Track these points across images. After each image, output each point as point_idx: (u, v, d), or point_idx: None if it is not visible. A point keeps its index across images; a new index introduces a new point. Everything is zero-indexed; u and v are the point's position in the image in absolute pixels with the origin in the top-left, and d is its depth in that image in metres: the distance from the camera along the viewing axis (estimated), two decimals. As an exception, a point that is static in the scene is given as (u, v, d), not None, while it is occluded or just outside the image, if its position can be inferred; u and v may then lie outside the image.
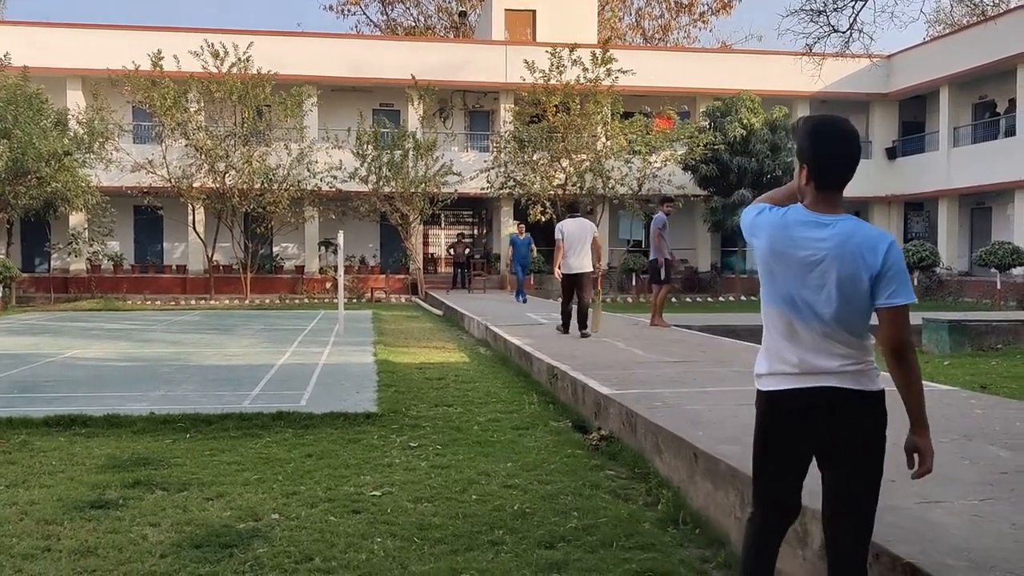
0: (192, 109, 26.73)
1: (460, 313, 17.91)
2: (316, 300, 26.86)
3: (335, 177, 26.58)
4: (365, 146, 27.09)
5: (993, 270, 23.57)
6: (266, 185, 26.74)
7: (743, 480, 4.20)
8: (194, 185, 26.68)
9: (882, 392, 2.81)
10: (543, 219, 27.23)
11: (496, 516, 4.69)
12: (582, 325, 11.76)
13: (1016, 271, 24.11)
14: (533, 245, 23.52)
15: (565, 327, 12.17)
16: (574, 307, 11.90)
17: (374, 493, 5.16)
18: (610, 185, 27.77)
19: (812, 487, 3.93)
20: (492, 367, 10.91)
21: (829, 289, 2.73)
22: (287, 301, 26.50)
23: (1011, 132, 27.29)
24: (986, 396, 7.41)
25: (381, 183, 27.19)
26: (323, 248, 30.13)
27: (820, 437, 2.82)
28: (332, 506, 4.90)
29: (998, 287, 23.48)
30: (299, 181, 26.98)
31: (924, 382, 8.46)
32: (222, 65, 26.34)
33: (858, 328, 2.78)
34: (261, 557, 4.09)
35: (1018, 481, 4.10)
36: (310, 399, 8.21)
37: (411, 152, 27.21)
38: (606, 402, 6.78)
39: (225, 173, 26.62)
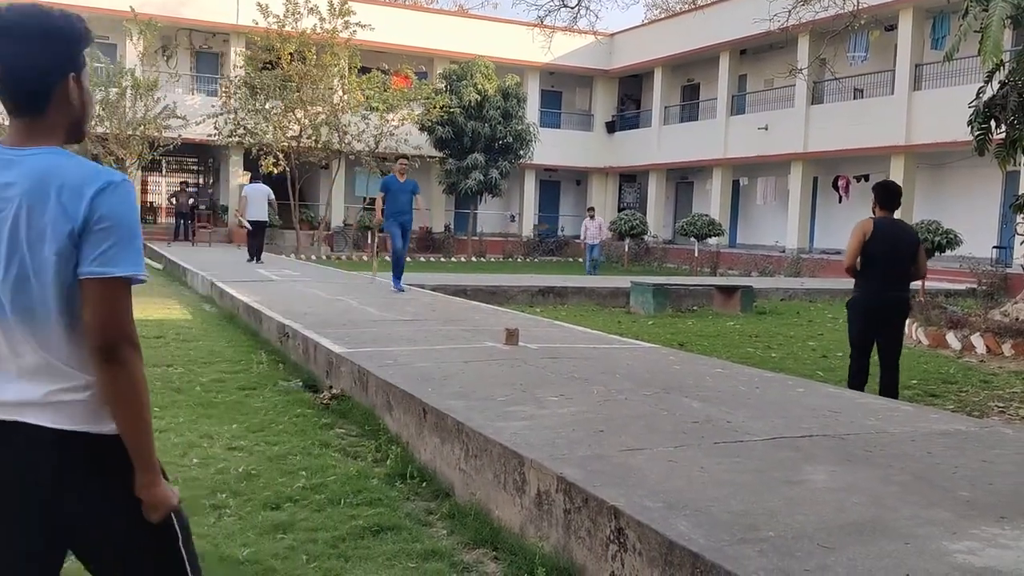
0: None
1: (182, 267, 16.92)
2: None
3: (37, 113, 23.89)
4: (74, 81, 24.55)
5: (692, 239, 26.09)
6: (-50, 117, 23.49)
7: (469, 433, 4.39)
8: None
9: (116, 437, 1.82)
10: (275, 171, 26.31)
11: (219, 480, 4.54)
12: (256, 257, 18.32)
13: (711, 240, 26.86)
14: (419, 196, 13.15)
15: (252, 258, 18.24)
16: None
17: (82, 460, 4.79)
18: (347, 141, 27.34)
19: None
20: (218, 325, 10.45)
21: (13, 259, 1.77)
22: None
23: (712, 114, 30.18)
24: (683, 353, 8.25)
25: (93, 123, 24.79)
26: (21, 191, 27.08)
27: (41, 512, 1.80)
28: (32, 476, 4.49)
29: (696, 255, 26.05)
30: (-9, 115, 24.00)
31: (631, 340, 9.10)
32: None
33: (66, 326, 1.79)
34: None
35: (707, 429, 4.61)
36: None
37: (129, 91, 25.08)
38: (338, 360, 6.76)
39: None
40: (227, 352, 8.46)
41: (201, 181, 33.04)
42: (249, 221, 18.26)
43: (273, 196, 18.72)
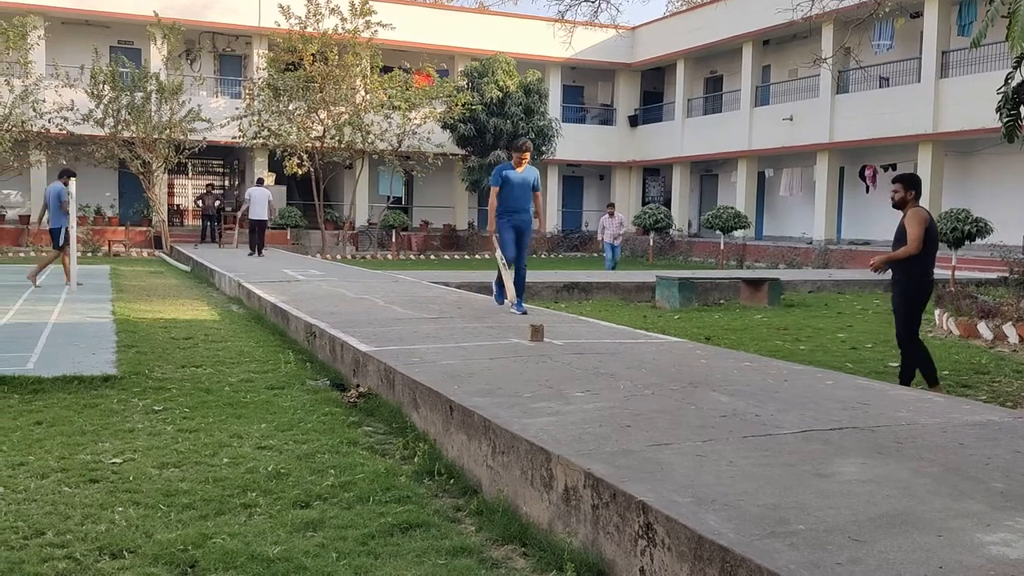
0: None
1: (210, 268, 17.07)
2: (45, 253, 24.46)
3: (66, 119, 24.22)
4: (101, 86, 24.83)
5: (718, 232, 25.92)
6: (-17, 125, 23.86)
7: (495, 430, 4.39)
8: None
9: None
10: (300, 172, 26.47)
11: (249, 478, 4.58)
12: (258, 251, 21.10)
13: (737, 233, 26.67)
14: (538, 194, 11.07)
15: (253, 252, 20.57)
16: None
17: (114, 460, 4.85)
18: (370, 140, 27.44)
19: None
20: (245, 325, 10.53)
21: None
22: (10, 254, 23.92)
23: (736, 105, 29.95)
24: (710, 347, 8.19)
25: (120, 127, 25.12)
26: (52, 196, 27.46)
27: None
28: (66, 476, 4.56)
29: (722, 248, 25.88)
30: (23, 122, 24.32)
31: (657, 335, 9.17)
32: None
33: None
34: (-17, 536, 3.73)
35: (735, 423, 4.59)
36: (39, 361, 7.52)
37: (154, 95, 25.32)
38: (365, 359, 6.79)
39: (-68, 109, 23.45)
40: (255, 352, 8.53)
41: (227, 183, 33.32)
42: (250, 220, 21.81)
43: (272, 198, 22.58)
